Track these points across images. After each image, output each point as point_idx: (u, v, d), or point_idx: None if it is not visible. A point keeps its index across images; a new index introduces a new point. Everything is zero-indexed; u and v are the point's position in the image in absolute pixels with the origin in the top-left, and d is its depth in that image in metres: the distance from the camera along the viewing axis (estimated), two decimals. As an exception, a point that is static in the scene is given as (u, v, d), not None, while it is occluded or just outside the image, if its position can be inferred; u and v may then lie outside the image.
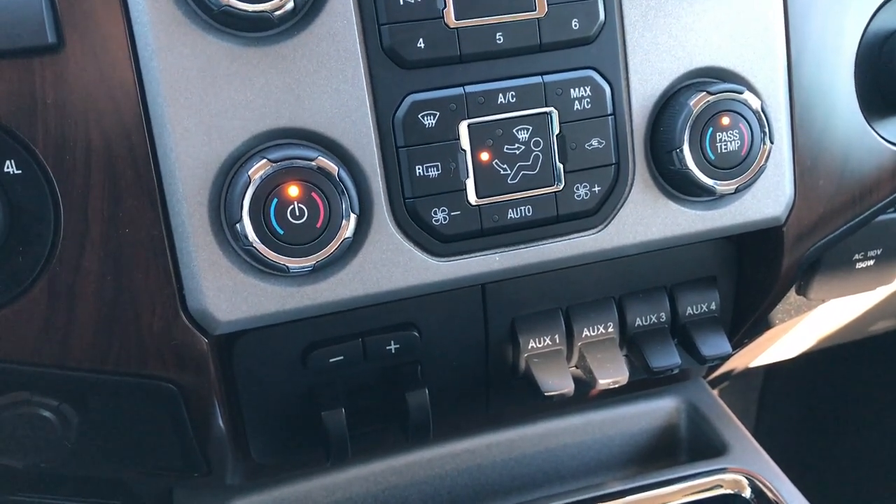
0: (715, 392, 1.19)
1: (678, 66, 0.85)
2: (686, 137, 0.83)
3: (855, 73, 0.94)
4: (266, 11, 0.72)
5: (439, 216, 0.81)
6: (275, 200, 0.74)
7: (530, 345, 0.96)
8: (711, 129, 0.84)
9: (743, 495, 1.01)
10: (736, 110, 0.84)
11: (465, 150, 0.81)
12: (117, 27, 0.74)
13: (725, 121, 0.84)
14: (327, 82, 0.77)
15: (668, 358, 0.97)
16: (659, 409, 1.14)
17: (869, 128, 0.95)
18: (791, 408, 2.10)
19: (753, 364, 1.48)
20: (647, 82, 0.85)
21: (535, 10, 0.80)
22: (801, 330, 1.34)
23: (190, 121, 0.75)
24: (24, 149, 0.73)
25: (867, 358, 1.92)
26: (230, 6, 0.72)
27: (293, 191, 0.75)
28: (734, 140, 0.85)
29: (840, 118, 0.94)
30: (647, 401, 1.14)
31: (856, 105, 0.95)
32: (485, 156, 0.81)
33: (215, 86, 0.75)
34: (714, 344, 0.98)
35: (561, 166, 0.83)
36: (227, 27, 0.75)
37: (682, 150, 0.83)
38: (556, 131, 0.83)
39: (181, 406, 0.85)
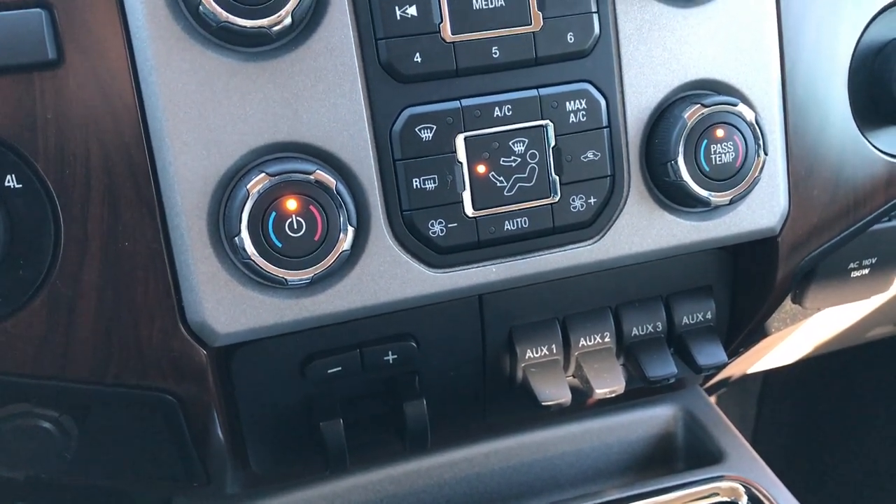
0: (712, 399, 1.19)
1: (673, 78, 0.86)
2: (681, 149, 0.84)
3: (849, 83, 0.94)
4: (264, 27, 0.73)
5: (436, 228, 0.82)
6: (273, 214, 0.75)
7: (527, 354, 0.96)
8: (706, 141, 0.84)
9: (739, 503, 1.01)
10: (730, 122, 0.85)
11: (461, 163, 0.81)
12: (117, 43, 0.74)
13: (720, 133, 0.84)
14: (325, 96, 0.78)
15: (664, 367, 0.97)
16: (656, 417, 1.15)
17: (863, 138, 0.96)
18: (789, 414, 2.10)
19: (751, 371, 1.48)
20: (641, 95, 0.85)
21: (531, 24, 0.81)
22: (797, 337, 1.35)
23: (189, 135, 0.75)
24: (25, 163, 0.74)
25: (865, 364, 1.92)
26: (229, 22, 0.72)
27: (291, 204, 0.75)
28: (728, 152, 0.85)
29: (834, 129, 0.94)
30: (643, 409, 1.15)
31: (850, 116, 0.95)
32: (481, 168, 0.82)
33: (214, 100, 0.75)
34: (710, 353, 0.99)
35: (557, 178, 0.84)
36: (226, 42, 0.75)
37: (676, 162, 0.84)
38: (552, 144, 0.83)
39: (180, 417, 0.85)
